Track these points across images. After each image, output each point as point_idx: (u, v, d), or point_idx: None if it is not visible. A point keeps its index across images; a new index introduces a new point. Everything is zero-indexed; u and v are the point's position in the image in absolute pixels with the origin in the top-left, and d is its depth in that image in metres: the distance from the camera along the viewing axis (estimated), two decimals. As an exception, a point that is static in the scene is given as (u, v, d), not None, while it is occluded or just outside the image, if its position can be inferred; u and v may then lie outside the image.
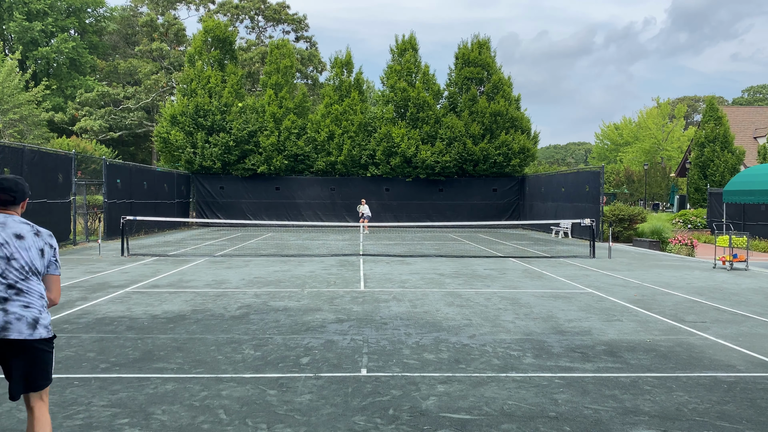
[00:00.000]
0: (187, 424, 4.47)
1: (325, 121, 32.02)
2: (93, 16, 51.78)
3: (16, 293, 3.40)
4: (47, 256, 3.55)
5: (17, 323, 3.38)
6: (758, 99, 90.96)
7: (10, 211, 3.60)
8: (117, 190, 22.29)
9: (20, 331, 3.38)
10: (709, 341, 7.17)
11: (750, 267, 14.87)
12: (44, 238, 3.57)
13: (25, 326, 3.40)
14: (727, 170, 35.12)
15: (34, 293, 3.45)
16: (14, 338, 3.38)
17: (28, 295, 3.43)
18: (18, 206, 3.64)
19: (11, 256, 3.42)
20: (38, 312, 3.45)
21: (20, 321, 3.38)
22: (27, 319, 3.40)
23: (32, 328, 3.42)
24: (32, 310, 3.43)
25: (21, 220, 3.58)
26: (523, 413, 4.74)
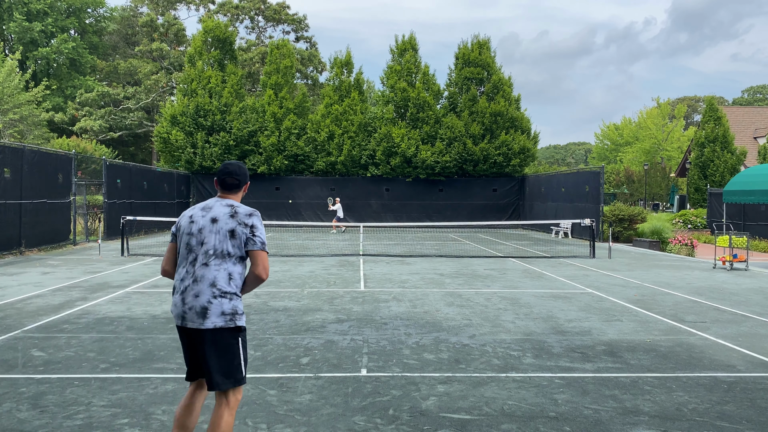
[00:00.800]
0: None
1: (325, 121, 32.03)
2: (93, 17, 51.77)
3: (194, 281, 3.41)
4: (240, 236, 3.46)
5: (189, 312, 3.39)
6: (758, 99, 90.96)
7: (229, 196, 3.65)
8: (117, 190, 22.29)
9: (192, 320, 3.38)
10: (709, 341, 7.16)
11: (750, 267, 14.87)
12: (239, 218, 3.49)
13: (195, 315, 3.37)
14: (727, 170, 35.12)
15: (206, 280, 3.39)
16: (189, 327, 3.39)
17: (201, 283, 3.39)
18: (240, 190, 3.69)
19: (204, 241, 3.45)
20: (207, 300, 3.36)
21: (191, 310, 3.38)
22: (196, 308, 3.37)
23: (202, 317, 3.36)
24: (200, 298, 3.37)
25: (227, 203, 3.57)
26: (523, 413, 4.74)
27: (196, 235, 3.48)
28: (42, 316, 8.24)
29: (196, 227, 3.50)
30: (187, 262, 3.48)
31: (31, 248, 16.79)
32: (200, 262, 3.42)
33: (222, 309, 3.38)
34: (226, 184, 3.64)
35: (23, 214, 16.30)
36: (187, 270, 3.46)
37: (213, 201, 3.62)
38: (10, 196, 15.71)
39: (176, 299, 3.46)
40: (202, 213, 3.55)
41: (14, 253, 15.97)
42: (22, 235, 16.31)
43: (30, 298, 9.66)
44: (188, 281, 3.43)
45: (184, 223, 3.57)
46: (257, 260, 3.48)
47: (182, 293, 3.43)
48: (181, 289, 3.44)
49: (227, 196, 3.66)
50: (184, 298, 3.41)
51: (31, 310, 8.61)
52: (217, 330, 3.37)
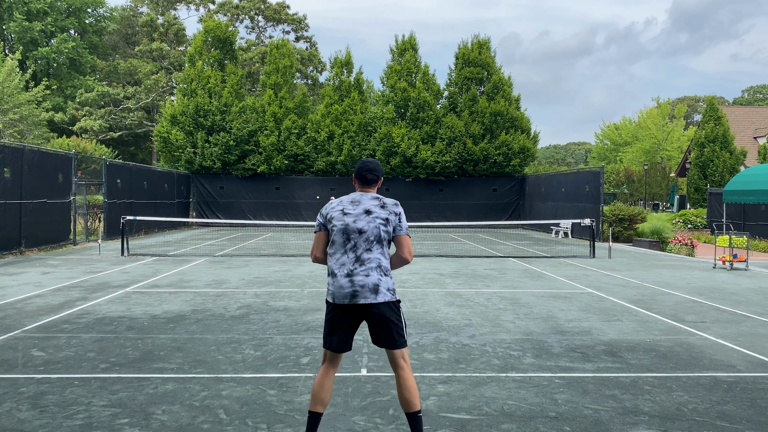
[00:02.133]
0: (187, 424, 4.47)
1: (325, 121, 32.03)
2: (93, 16, 51.77)
3: (360, 264, 3.87)
4: (392, 223, 3.95)
5: (362, 290, 3.83)
6: (758, 99, 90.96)
7: (369, 190, 4.11)
8: (117, 190, 22.29)
9: (365, 296, 3.83)
10: (709, 341, 7.16)
11: (750, 267, 14.87)
12: (389, 208, 3.98)
13: (369, 292, 3.83)
14: (726, 170, 35.12)
15: (373, 261, 3.88)
16: (362, 303, 3.83)
17: (368, 263, 3.87)
18: (377, 184, 4.14)
19: (362, 229, 3.89)
20: (378, 279, 3.86)
21: (364, 288, 3.83)
22: (368, 285, 3.83)
23: (374, 293, 3.84)
24: (371, 277, 3.85)
25: (372, 196, 4.04)
26: (523, 413, 4.74)
27: (351, 225, 3.92)
28: (42, 316, 8.24)
29: (351, 218, 3.93)
30: (347, 249, 3.93)
31: (31, 248, 16.80)
32: (363, 248, 3.90)
33: (387, 286, 3.92)
34: (366, 179, 4.09)
35: (23, 214, 16.30)
36: (349, 256, 3.91)
37: (358, 195, 4.05)
38: (10, 196, 15.71)
39: (342, 281, 3.88)
40: (353, 206, 3.98)
41: (14, 253, 15.97)
42: (22, 235, 16.31)
43: (30, 298, 9.66)
44: (352, 265, 3.89)
45: (336, 214, 3.98)
46: (403, 243, 4.01)
47: (349, 275, 3.87)
48: (346, 272, 3.89)
49: (368, 189, 4.11)
50: (352, 280, 3.86)
51: (31, 310, 8.61)
52: (386, 303, 3.89)
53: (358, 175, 4.10)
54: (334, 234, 3.97)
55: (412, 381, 3.91)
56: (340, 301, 3.87)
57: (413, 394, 3.88)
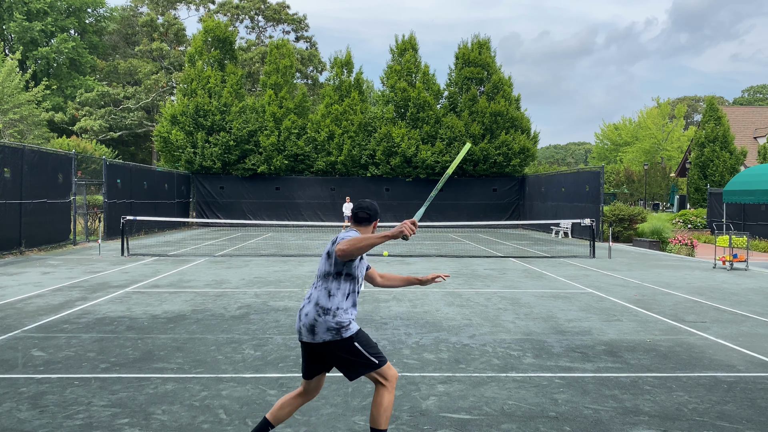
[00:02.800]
0: (187, 424, 4.47)
1: (325, 121, 32.03)
2: (93, 16, 51.77)
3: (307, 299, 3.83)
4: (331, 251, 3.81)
5: (303, 329, 3.75)
6: (758, 99, 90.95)
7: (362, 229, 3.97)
8: (117, 190, 22.29)
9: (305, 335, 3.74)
10: (709, 341, 7.16)
11: (750, 267, 14.87)
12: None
13: (306, 331, 3.73)
14: (726, 170, 35.12)
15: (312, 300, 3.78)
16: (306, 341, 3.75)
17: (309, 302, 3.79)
18: (371, 226, 4.01)
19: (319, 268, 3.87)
20: (312, 319, 3.71)
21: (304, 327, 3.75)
22: (306, 324, 3.74)
23: (311, 333, 3.71)
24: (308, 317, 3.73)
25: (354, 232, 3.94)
26: (523, 413, 4.74)
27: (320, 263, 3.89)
28: (42, 316, 8.24)
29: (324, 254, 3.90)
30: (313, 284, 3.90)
31: (31, 248, 16.80)
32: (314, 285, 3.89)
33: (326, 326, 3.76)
34: (357, 218, 4.01)
35: (23, 214, 16.30)
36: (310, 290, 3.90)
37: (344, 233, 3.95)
38: (10, 196, 15.71)
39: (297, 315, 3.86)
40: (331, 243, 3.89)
41: (14, 253, 15.97)
42: (22, 235, 16.31)
43: (30, 298, 9.66)
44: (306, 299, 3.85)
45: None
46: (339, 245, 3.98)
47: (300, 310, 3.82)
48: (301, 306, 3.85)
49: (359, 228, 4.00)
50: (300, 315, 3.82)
51: (31, 310, 8.61)
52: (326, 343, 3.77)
53: (353, 214, 4.05)
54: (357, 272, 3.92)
55: (387, 400, 3.75)
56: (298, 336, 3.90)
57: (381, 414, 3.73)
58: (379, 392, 3.77)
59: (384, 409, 3.74)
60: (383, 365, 3.80)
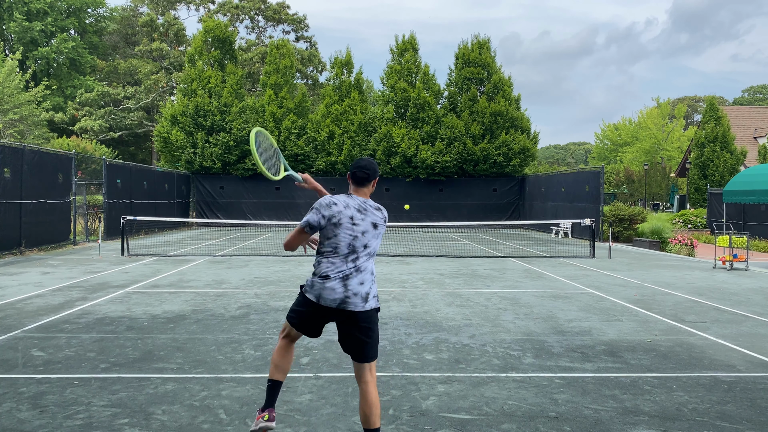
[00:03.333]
0: (187, 424, 4.47)
1: (325, 121, 32.03)
2: (93, 16, 51.78)
3: (357, 271, 3.83)
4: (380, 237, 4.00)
5: (354, 297, 3.78)
6: (758, 99, 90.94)
7: (364, 192, 4.00)
8: (117, 190, 22.29)
9: (355, 304, 3.78)
10: (709, 341, 7.16)
11: (750, 267, 14.87)
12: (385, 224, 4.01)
13: (360, 300, 3.79)
14: (726, 170, 35.12)
15: (368, 271, 3.88)
16: (351, 309, 3.77)
17: (364, 273, 3.85)
18: (370, 185, 4.02)
19: (367, 244, 3.88)
20: (369, 287, 3.85)
21: (356, 296, 3.78)
22: (361, 294, 3.80)
23: (365, 301, 3.81)
24: (365, 286, 3.82)
25: (375, 206, 3.97)
26: (523, 413, 4.74)
27: (360, 238, 3.87)
28: (42, 316, 8.24)
29: (360, 230, 3.87)
30: (348, 258, 3.84)
31: (31, 248, 16.80)
32: (363, 259, 3.87)
33: (375, 293, 3.92)
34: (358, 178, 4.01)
35: (23, 214, 16.30)
36: (348, 265, 3.83)
37: (362, 202, 3.96)
38: (10, 196, 15.71)
39: (335, 284, 3.78)
40: (361, 216, 3.90)
41: (14, 253, 15.97)
42: (22, 235, 16.31)
43: (30, 298, 9.66)
44: (349, 271, 3.82)
45: (346, 222, 3.86)
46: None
47: (343, 280, 3.79)
48: (340, 276, 3.80)
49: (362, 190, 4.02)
50: (346, 285, 3.79)
51: (31, 310, 8.61)
52: (373, 310, 3.87)
53: (351, 174, 4.03)
54: (338, 240, 3.84)
55: (375, 396, 3.82)
56: (326, 303, 3.78)
57: (374, 411, 3.77)
58: (368, 389, 3.82)
59: (377, 405, 3.81)
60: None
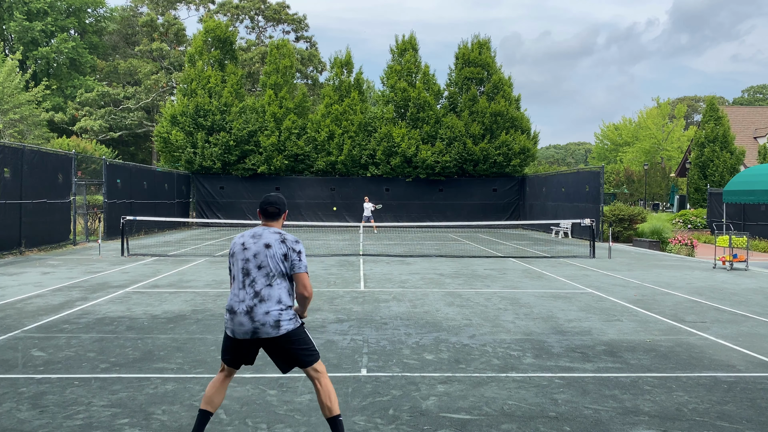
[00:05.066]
0: (187, 424, 4.47)
1: (325, 121, 32.03)
2: (93, 16, 51.78)
3: (260, 300, 3.88)
4: (291, 259, 3.97)
5: (263, 327, 3.85)
6: (758, 99, 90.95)
7: (271, 224, 4.13)
8: (117, 190, 22.29)
9: (267, 332, 3.87)
10: (709, 341, 7.16)
11: (750, 267, 14.87)
12: (289, 244, 4.01)
13: (270, 328, 3.87)
14: (726, 170, 35.11)
15: (273, 297, 3.89)
16: (264, 338, 3.88)
17: (269, 302, 3.88)
18: (280, 218, 4.17)
19: (261, 265, 3.92)
20: (278, 315, 3.88)
21: (265, 325, 3.85)
22: (269, 322, 3.86)
23: (276, 328, 3.87)
24: (271, 314, 3.86)
25: (274, 230, 4.07)
26: (523, 413, 4.74)
27: (252, 260, 3.94)
28: (42, 316, 8.24)
29: (251, 253, 3.96)
30: (245, 284, 3.93)
31: (31, 248, 16.80)
32: (262, 282, 3.91)
33: (288, 316, 3.93)
34: (268, 213, 4.13)
35: (23, 214, 16.30)
36: (248, 291, 3.91)
37: (260, 229, 4.08)
38: (10, 196, 15.71)
39: (242, 319, 3.87)
40: (253, 240, 4.01)
41: (14, 253, 15.97)
42: (22, 235, 16.31)
43: (30, 298, 9.66)
44: (251, 301, 3.88)
45: (238, 249, 4.03)
46: (300, 281, 4.01)
47: (248, 313, 3.86)
48: (245, 309, 3.88)
49: (270, 224, 4.14)
50: (252, 317, 3.86)
51: (31, 310, 8.61)
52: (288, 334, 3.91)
53: (260, 208, 4.14)
54: (236, 268, 3.99)
55: (330, 386, 3.99)
56: (240, 336, 3.90)
57: (332, 400, 3.96)
58: (322, 381, 3.97)
59: (334, 393, 3.98)
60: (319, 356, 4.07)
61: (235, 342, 3.95)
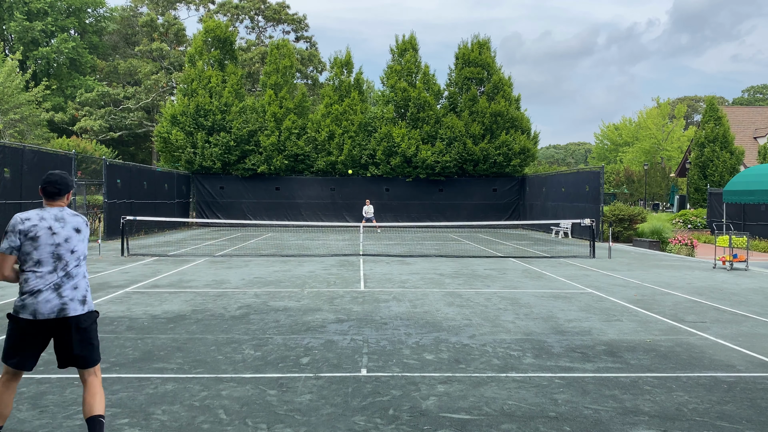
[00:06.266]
0: (187, 424, 4.47)
1: (326, 120, 32.03)
2: (93, 16, 51.77)
3: (69, 278, 3.94)
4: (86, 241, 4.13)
5: (71, 303, 3.91)
6: (758, 99, 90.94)
7: (59, 204, 4.05)
8: (117, 190, 22.29)
9: (74, 308, 3.91)
10: (709, 341, 7.17)
11: (750, 267, 14.87)
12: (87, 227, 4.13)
13: (78, 304, 3.94)
14: (726, 170, 35.12)
15: (80, 276, 4.01)
16: (71, 315, 3.88)
17: (76, 278, 3.97)
18: (63, 198, 4.07)
19: (74, 249, 3.98)
20: (84, 291, 4.00)
21: (73, 301, 3.92)
22: (78, 298, 3.95)
23: (83, 304, 3.96)
24: (79, 290, 3.97)
25: (72, 213, 4.06)
26: (523, 413, 4.74)
27: (64, 245, 3.94)
28: (42, 316, 8.23)
29: (62, 238, 3.94)
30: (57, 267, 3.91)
31: (31, 248, 16.78)
32: (73, 265, 3.97)
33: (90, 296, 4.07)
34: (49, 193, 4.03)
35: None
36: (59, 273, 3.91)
37: (57, 211, 4.01)
38: (10, 196, 15.71)
39: (49, 296, 3.85)
40: (60, 225, 3.96)
41: (14, 253, 15.95)
42: (22, 235, 16.29)
43: (30, 298, 9.64)
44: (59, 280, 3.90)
45: (44, 234, 3.90)
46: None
47: (56, 289, 3.88)
48: (52, 287, 3.87)
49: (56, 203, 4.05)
50: (60, 293, 3.88)
51: (31, 310, 8.60)
52: (91, 312, 4.01)
53: (42, 189, 4.03)
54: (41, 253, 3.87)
55: (100, 387, 4.03)
56: (45, 316, 3.82)
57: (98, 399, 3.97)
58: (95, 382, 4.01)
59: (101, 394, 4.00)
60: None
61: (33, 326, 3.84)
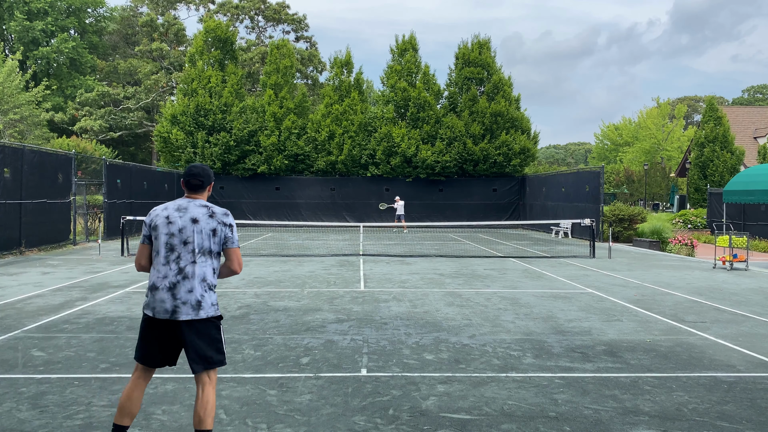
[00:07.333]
0: (187, 424, 4.47)
1: (326, 120, 32.04)
2: (93, 16, 51.77)
3: (183, 277, 3.70)
4: (220, 235, 3.81)
5: (183, 306, 3.67)
6: (758, 99, 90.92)
7: (196, 196, 3.91)
8: (117, 190, 22.28)
9: (187, 313, 3.68)
10: (709, 341, 7.16)
11: (750, 267, 14.87)
12: (218, 218, 3.83)
13: (190, 309, 3.69)
14: (726, 170, 35.11)
15: (197, 276, 3.72)
16: (183, 319, 3.67)
17: (192, 279, 3.70)
18: (205, 191, 3.95)
19: (187, 240, 3.74)
20: (200, 295, 3.72)
21: (186, 304, 3.68)
22: (191, 301, 3.69)
23: (196, 309, 3.70)
24: (194, 293, 3.70)
25: (201, 203, 3.86)
26: (523, 413, 4.74)
27: (178, 235, 3.74)
28: (42, 316, 8.24)
29: (176, 227, 3.75)
30: (170, 260, 3.73)
31: (31, 248, 16.79)
32: (187, 259, 3.72)
33: (211, 301, 3.77)
34: (191, 186, 3.91)
35: (23, 214, 16.30)
36: (171, 268, 3.72)
37: (185, 201, 3.87)
38: (10, 196, 15.71)
39: (164, 295, 3.69)
40: (179, 214, 3.79)
41: (14, 253, 15.97)
42: (22, 235, 16.31)
43: (30, 298, 9.66)
44: (175, 278, 3.70)
45: (161, 222, 3.78)
46: (233, 256, 3.88)
47: (170, 289, 3.69)
48: (167, 286, 3.70)
49: (195, 196, 3.92)
50: (174, 294, 3.68)
51: (31, 310, 8.61)
52: (209, 319, 3.74)
53: (184, 180, 3.91)
54: (158, 243, 3.75)
55: (212, 399, 3.76)
56: (160, 316, 3.68)
57: (209, 413, 3.72)
58: (207, 391, 3.75)
59: (212, 407, 3.75)
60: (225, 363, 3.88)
61: (155, 324, 3.72)
